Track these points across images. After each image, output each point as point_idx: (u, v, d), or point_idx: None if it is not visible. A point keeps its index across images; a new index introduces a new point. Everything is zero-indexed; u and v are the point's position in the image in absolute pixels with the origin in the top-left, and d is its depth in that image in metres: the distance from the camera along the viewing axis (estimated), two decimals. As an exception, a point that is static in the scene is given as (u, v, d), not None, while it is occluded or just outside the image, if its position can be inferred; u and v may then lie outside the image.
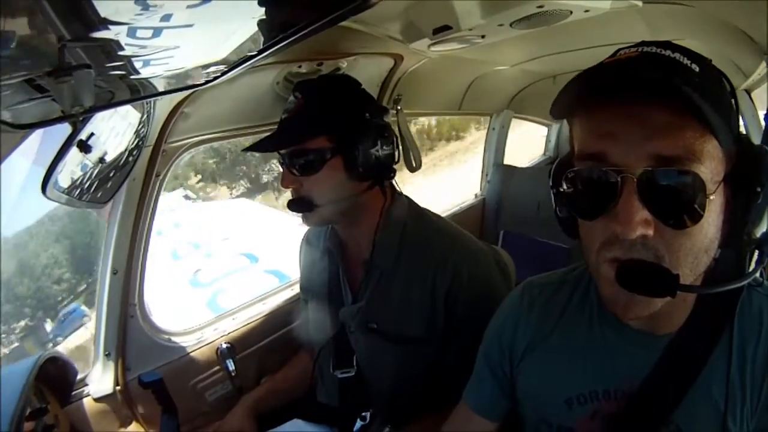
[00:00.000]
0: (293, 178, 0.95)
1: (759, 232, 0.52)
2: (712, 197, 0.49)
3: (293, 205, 0.97)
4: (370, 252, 1.01)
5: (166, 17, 0.34)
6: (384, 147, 0.95)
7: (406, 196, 1.07)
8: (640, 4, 0.98)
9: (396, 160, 0.99)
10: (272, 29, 0.41)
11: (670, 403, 0.56)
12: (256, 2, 0.36)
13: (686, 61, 0.50)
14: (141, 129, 0.98)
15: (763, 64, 1.24)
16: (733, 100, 0.53)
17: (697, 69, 0.50)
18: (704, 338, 0.56)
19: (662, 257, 0.50)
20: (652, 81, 0.46)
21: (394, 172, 1.01)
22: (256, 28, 0.42)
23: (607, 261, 0.52)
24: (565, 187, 0.55)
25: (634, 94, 0.48)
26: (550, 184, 0.60)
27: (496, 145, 2.47)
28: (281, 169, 0.99)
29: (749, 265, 0.52)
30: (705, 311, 0.57)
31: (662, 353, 0.58)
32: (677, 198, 0.48)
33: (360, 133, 0.93)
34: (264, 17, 0.38)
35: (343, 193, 0.96)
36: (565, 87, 0.51)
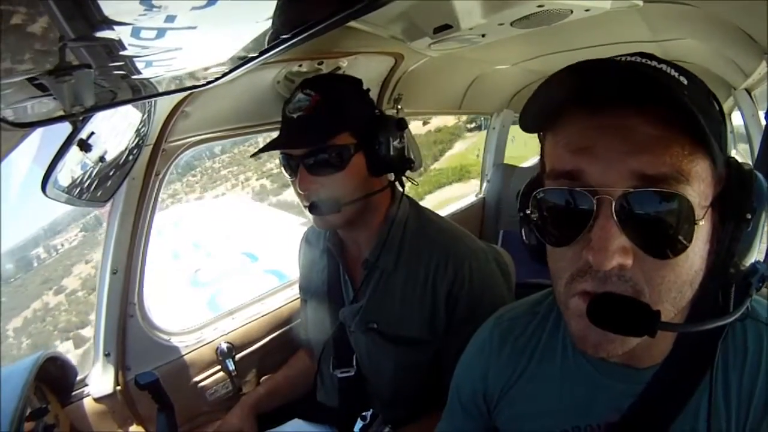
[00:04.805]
0: (313, 178, 0.91)
1: (746, 262, 0.47)
2: (700, 223, 0.43)
3: (318, 209, 0.92)
4: (371, 251, 1.01)
5: (170, 18, 0.34)
6: (400, 140, 0.96)
7: (407, 196, 1.07)
8: (640, 3, 0.98)
9: (408, 153, 1.00)
10: (276, 30, 0.41)
11: None
12: (259, 3, 0.36)
13: (674, 73, 0.46)
14: (141, 128, 0.98)
15: (763, 64, 1.24)
16: (722, 118, 0.48)
17: (686, 82, 0.45)
18: (689, 372, 0.52)
19: (641, 291, 0.44)
20: (646, 79, 0.41)
21: (413, 163, 1.01)
22: (260, 30, 0.42)
23: (577, 294, 0.46)
24: (532, 209, 0.49)
25: (615, 103, 0.43)
26: (518, 207, 0.54)
27: (496, 144, 2.47)
28: (285, 172, 0.96)
29: (733, 296, 0.48)
30: (690, 343, 0.52)
31: (645, 387, 0.53)
32: (661, 224, 0.43)
33: (379, 128, 0.94)
34: (267, 18, 0.38)
35: (365, 191, 0.95)
36: (535, 94, 0.45)
